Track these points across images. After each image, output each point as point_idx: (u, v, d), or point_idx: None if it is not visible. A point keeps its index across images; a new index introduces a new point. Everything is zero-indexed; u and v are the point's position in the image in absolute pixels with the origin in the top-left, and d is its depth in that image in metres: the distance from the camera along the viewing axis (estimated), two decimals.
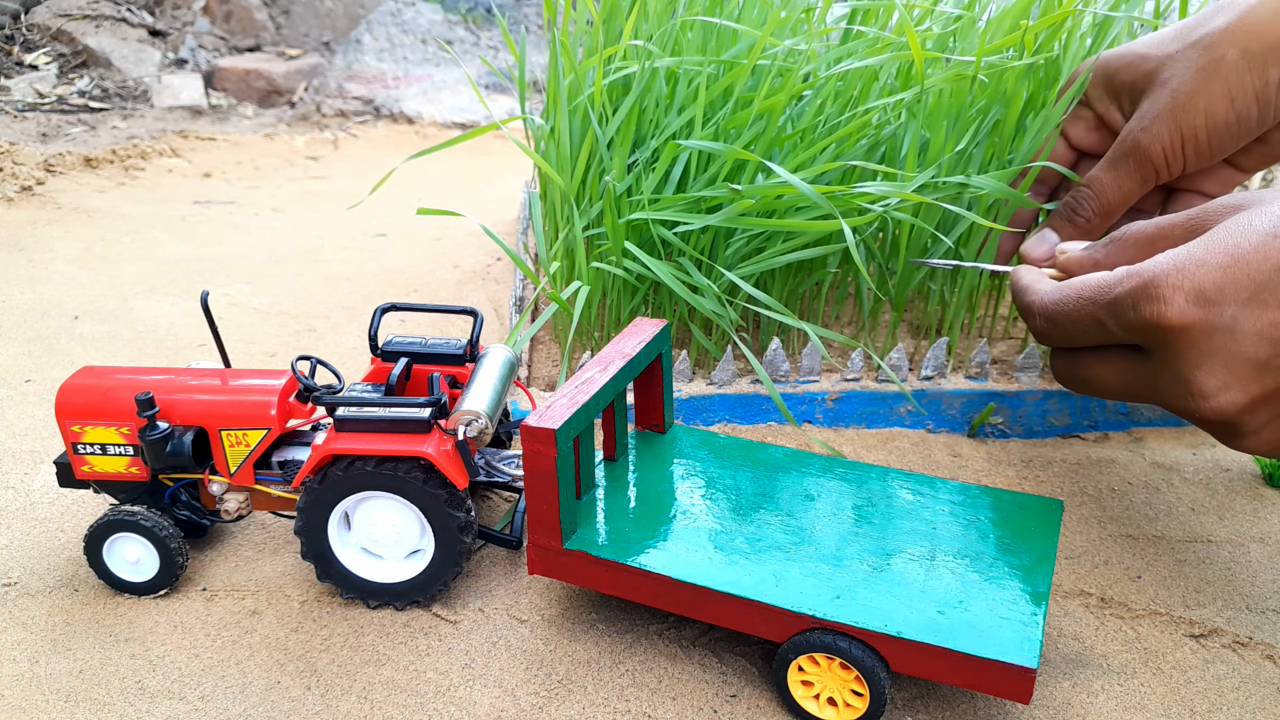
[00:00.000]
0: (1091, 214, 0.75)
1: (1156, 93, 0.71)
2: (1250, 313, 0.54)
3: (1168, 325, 0.55)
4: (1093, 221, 0.75)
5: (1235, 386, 0.55)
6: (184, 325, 1.04)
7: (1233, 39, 0.67)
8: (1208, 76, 0.68)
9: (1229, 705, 0.57)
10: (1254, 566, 0.69)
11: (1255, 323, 0.54)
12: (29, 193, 1.46)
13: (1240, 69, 0.67)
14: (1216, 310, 0.54)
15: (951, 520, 0.62)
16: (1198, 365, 0.55)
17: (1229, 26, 0.68)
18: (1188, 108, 0.69)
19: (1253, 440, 0.58)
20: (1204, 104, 0.68)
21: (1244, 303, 0.54)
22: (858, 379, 0.83)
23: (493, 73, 2.19)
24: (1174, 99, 0.69)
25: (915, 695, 0.57)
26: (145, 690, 0.57)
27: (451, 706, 0.56)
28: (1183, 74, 0.69)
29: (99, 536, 0.62)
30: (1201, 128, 0.69)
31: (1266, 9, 0.66)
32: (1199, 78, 0.68)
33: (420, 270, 1.22)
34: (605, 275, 0.85)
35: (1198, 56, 0.68)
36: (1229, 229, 0.56)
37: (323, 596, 0.64)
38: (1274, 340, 0.54)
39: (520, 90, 0.90)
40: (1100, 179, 0.74)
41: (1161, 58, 0.70)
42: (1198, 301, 0.54)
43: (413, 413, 0.59)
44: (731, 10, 0.87)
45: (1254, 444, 0.58)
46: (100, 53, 2.08)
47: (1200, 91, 0.68)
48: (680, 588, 0.56)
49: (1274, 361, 0.54)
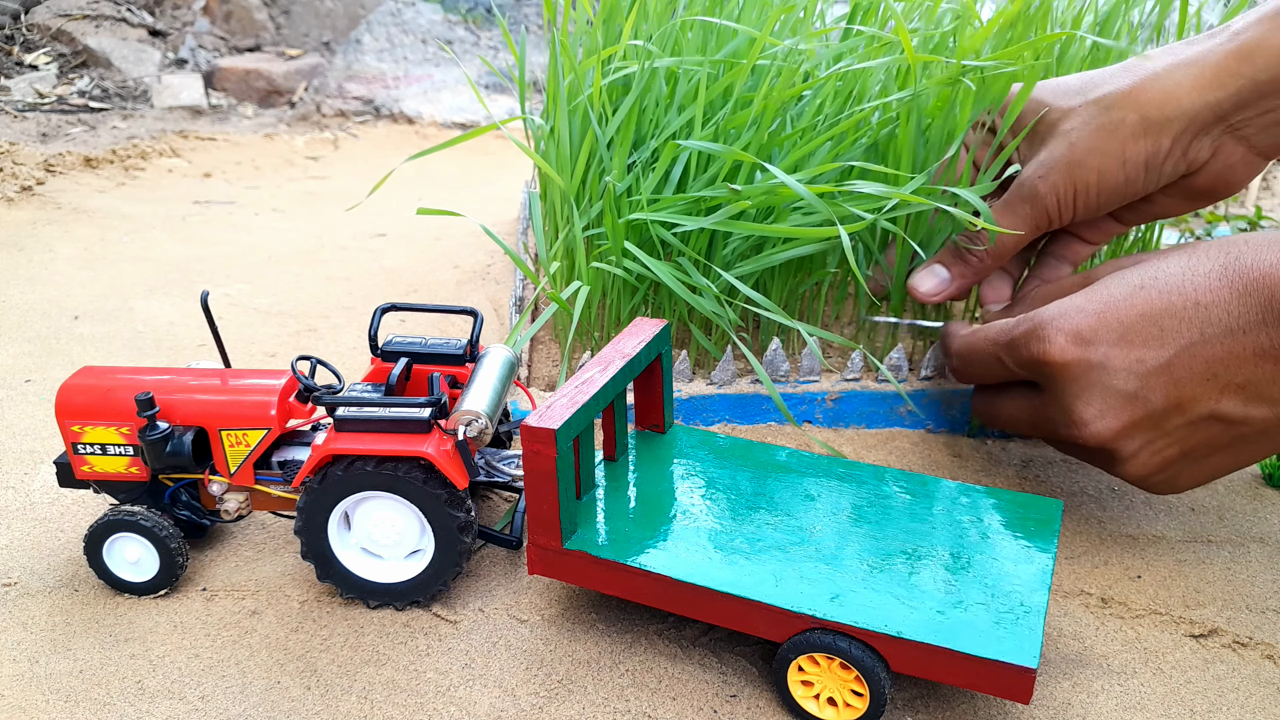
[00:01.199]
0: (984, 254, 0.78)
1: (1056, 143, 0.73)
2: (1119, 351, 0.62)
3: (1050, 361, 0.64)
4: (984, 261, 0.78)
5: (1109, 415, 0.63)
6: (184, 325, 1.04)
7: (1133, 104, 0.70)
8: (1105, 136, 0.71)
9: (1229, 705, 0.57)
10: (1254, 566, 0.69)
11: (1124, 359, 0.62)
12: (29, 193, 1.46)
13: (1136, 134, 0.70)
14: (1091, 349, 0.63)
15: (951, 520, 0.62)
16: (1077, 396, 0.64)
17: (1131, 91, 0.71)
18: (1083, 164, 0.72)
19: (1131, 465, 0.65)
20: (1098, 162, 0.72)
21: (1114, 342, 0.63)
22: (857, 379, 0.83)
23: (493, 73, 2.19)
24: (1071, 152, 0.72)
25: (915, 695, 0.57)
26: (145, 690, 0.57)
27: (451, 706, 0.56)
28: (1082, 129, 0.72)
29: (99, 536, 0.62)
30: (1093, 184, 0.72)
31: (1168, 80, 0.70)
32: (1096, 136, 0.71)
33: (420, 270, 1.22)
34: (605, 275, 0.85)
35: (1098, 115, 0.71)
36: (1107, 282, 0.65)
37: (323, 596, 0.64)
38: (1140, 375, 0.62)
39: (520, 90, 0.90)
40: (998, 222, 0.76)
41: (1064, 110, 0.73)
42: (1075, 341, 0.63)
43: (413, 413, 0.59)
44: (731, 10, 0.87)
45: (1132, 469, 0.66)
46: (100, 53, 2.08)
47: (1096, 150, 0.71)
48: (680, 588, 0.56)
49: (1141, 393, 0.62)
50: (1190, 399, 0.61)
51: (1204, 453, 0.64)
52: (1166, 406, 0.62)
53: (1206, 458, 0.64)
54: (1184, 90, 0.69)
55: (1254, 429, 0.62)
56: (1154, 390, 0.62)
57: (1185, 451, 0.64)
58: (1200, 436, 0.63)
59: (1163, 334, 0.62)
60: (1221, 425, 0.62)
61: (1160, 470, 0.65)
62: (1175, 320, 0.61)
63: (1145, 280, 0.63)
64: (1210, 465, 0.65)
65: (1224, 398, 0.61)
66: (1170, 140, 0.70)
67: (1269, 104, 0.68)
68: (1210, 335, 0.60)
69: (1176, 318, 0.61)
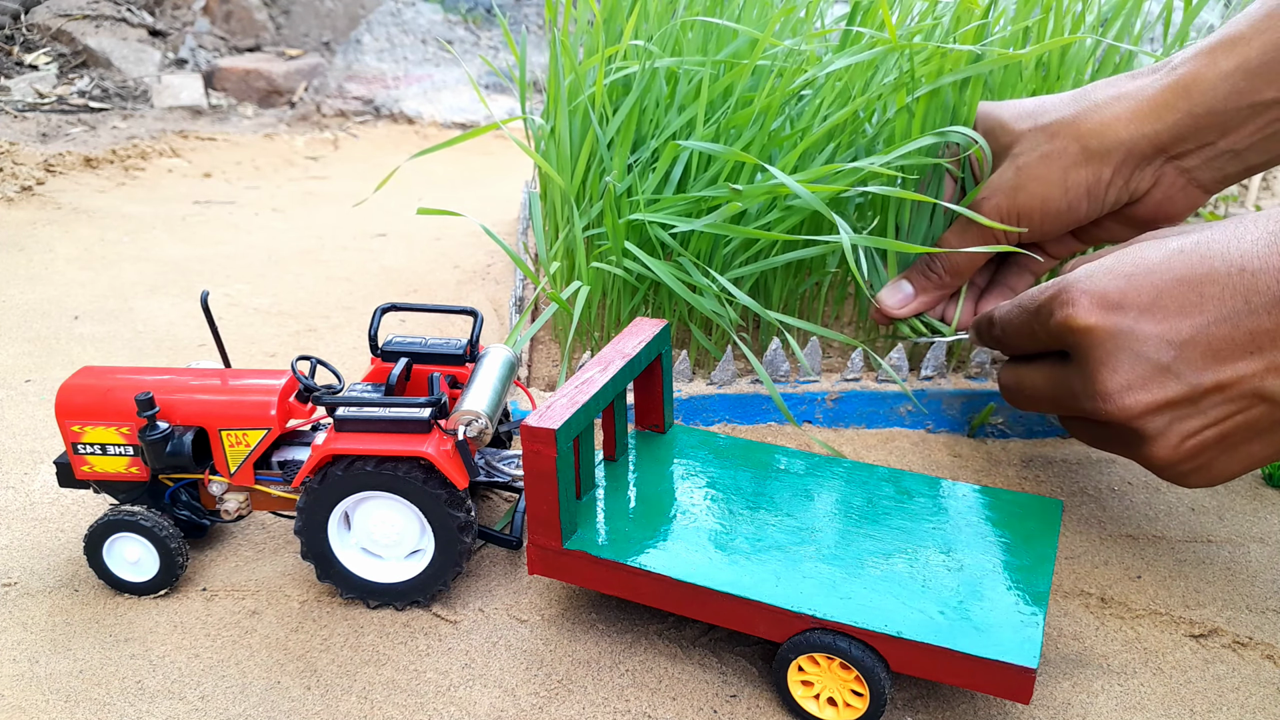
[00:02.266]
0: (943, 271, 0.79)
1: (1005, 166, 0.75)
2: (1150, 318, 0.57)
3: (1075, 326, 0.60)
4: (944, 279, 0.80)
5: (1137, 387, 0.58)
6: (184, 325, 1.04)
7: (1076, 133, 0.71)
8: (1048, 163, 0.72)
9: (1229, 705, 0.57)
10: (1254, 566, 0.69)
11: (1155, 328, 0.57)
12: (29, 193, 1.46)
13: (1078, 163, 0.71)
14: (1119, 314, 0.58)
15: (951, 520, 0.62)
16: (1102, 364, 0.59)
17: (1073, 120, 0.72)
18: (1027, 189, 0.73)
19: (1158, 447, 0.60)
20: (1041, 189, 0.73)
21: (1146, 308, 0.58)
22: (858, 379, 0.83)
23: (493, 73, 2.19)
24: (1017, 177, 0.73)
25: (915, 695, 0.57)
26: (145, 690, 0.57)
27: (451, 706, 0.56)
28: (1028, 155, 0.73)
29: (99, 536, 0.62)
30: (1037, 209, 0.74)
31: (1107, 111, 0.71)
32: (1041, 163, 0.72)
33: (420, 270, 1.22)
34: (605, 275, 0.85)
35: (1044, 141, 0.73)
36: (1142, 244, 0.61)
37: (323, 596, 0.64)
38: (1175, 344, 0.57)
39: (521, 90, 0.90)
40: (950, 242, 0.79)
41: (1015, 134, 0.74)
42: (1102, 305, 0.59)
43: (413, 413, 0.59)
44: (732, 11, 0.87)
45: (1159, 451, 0.60)
46: (100, 53, 2.08)
47: (1040, 177, 0.73)
48: (680, 588, 0.56)
49: (1174, 365, 0.57)
50: (1232, 376, 0.56)
51: (1243, 438, 0.58)
52: (1204, 382, 0.56)
53: (1245, 444, 0.59)
54: (1122, 122, 0.70)
55: None
56: (1190, 363, 0.56)
57: (1224, 435, 0.58)
58: (1241, 419, 0.57)
59: (1202, 300, 0.56)
60: (1266, 406, 0.56)
61: (1193, 457, 0.60)
62: (1217, 287, 0.56)
63: (1185, 245, 0.58)
64: (1248, 454, 0.59)
65: (1270, 376, 0.55)
66: (1111, 170, 0.71)
67: (1206, 137, 0.69)
68: (1257, 305, 0.55)
69: (1219, 284, 0.56)
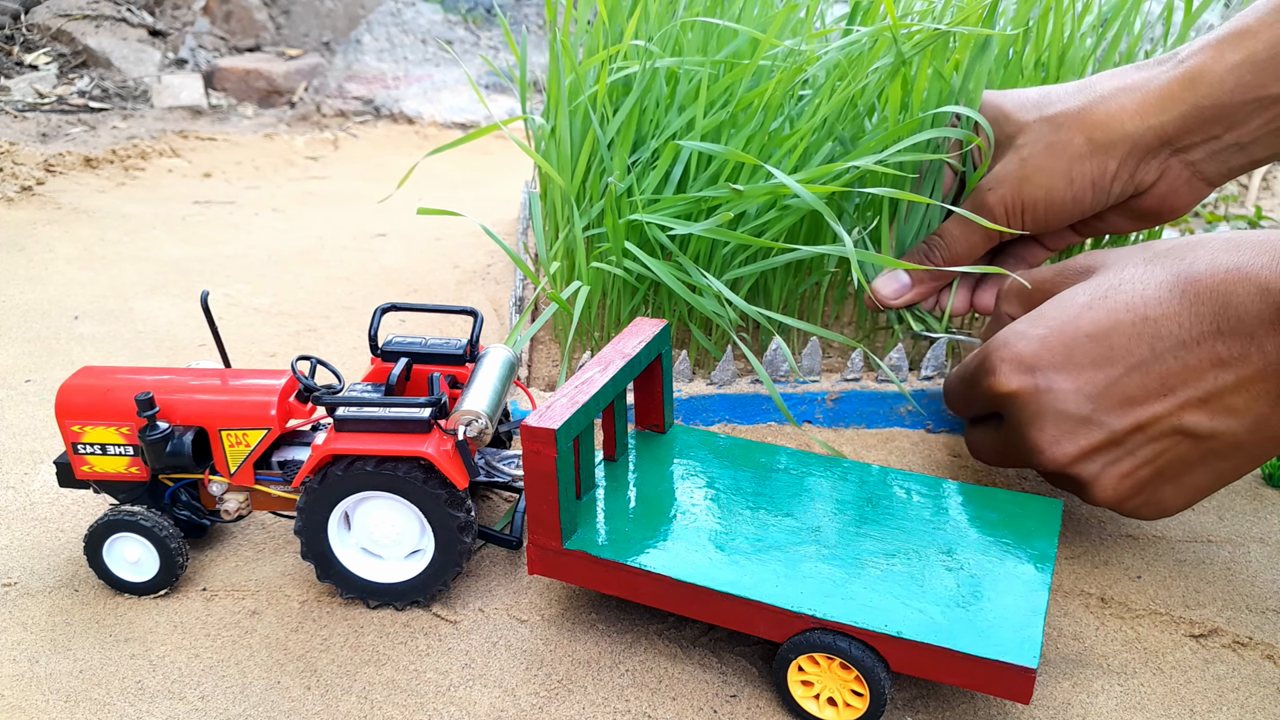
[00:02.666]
0: (941, 261, 0.80)
1: (1010, 157, 0.75)
2: (1065, 375, 0.61)
3: (1000, 393, 0.63)
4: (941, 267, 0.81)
5: (1064, 440, 0.61)
6: (184, 325, 1.04)
7: (1081, 126, 0.72)
8: (1053, 155, 0.73)
9: (1229, 705, 0.57)
10: (1254, 566, 0.69)
11: (1070, 383, 0.61)
12: (29, 193, 1.46)
13: (1084, 155, 0.72)
14: (1037, 375, 0.62)
15: (951, 520, 0.62)
16: (1030, 424, 0.63)
17: (1079, 112, 0.72)
18: (1032, 180, 0.74)
19: (1097, 489, 0.62)
20: (1046, 180, 0.73)
21: (1059, 366, 0.61)
22: (858, 379, 0.83)
23: (493, 73, 2.19)
24: (1022, 168, 0.74)
25: (915, 695, 0.57)
26: (145, 690, 0.57)
27: (451, 706, 0.56)
28: (1033, 146, 0.73)
29: (99, 536, 0.62)
30: (1041, 201, 0.74)
31: (1113, 104, 0.71)
32: (1046, 154, 0.73)
33: (420, 270, 1.22)
34: (605, 275, 0.85)
35: (1049, 133, 0.73)
36: (1054, 302, 0.64)
37: (323, 596, 0.64)
38: (1090, 396, 0.60)
39: (521, 90, 0.90)
40: (951, 231, 0.79)
41: (1020, 124, 0.75)
42: (1019, 369, 0.62)
43: (413, 413, 0.59)
44: (732, 11, 0.87)
45: (1101, 493, 0.63)
46: (100, 53, 2.08)
47: (1045, 169, 0.73)
48: (680, 588, 0.56)
49: (1095, 415, 0.60)
50: (1150, 417, 0.59)
51: (1179, 471, 0.61)
52: (1125, 426, 0.60)
53: (1183, 476, 0.61)
54: (1128, 114, 0.71)
55: (1225, 443, 0.59)
56: (1108, 411, 0.60)
57: (1158, 471, 0.61)
58: (1170, 455, 0.60)
59: (1111, 352, 0.60)
60: (1191, 441, 0.59)
61: (1136, 493, 0.62)
62: (1124, 337, 0.59)
63: (1093, 298, 0.62)
64: (1191, 484, 0.62)
65: (1185, 413, 0.59)
66: (1116, 163, 0.72)
67: (1212, 130, 0.70)
68: (1161, 350, 0.58)
69: (1125, 334, 0.59)
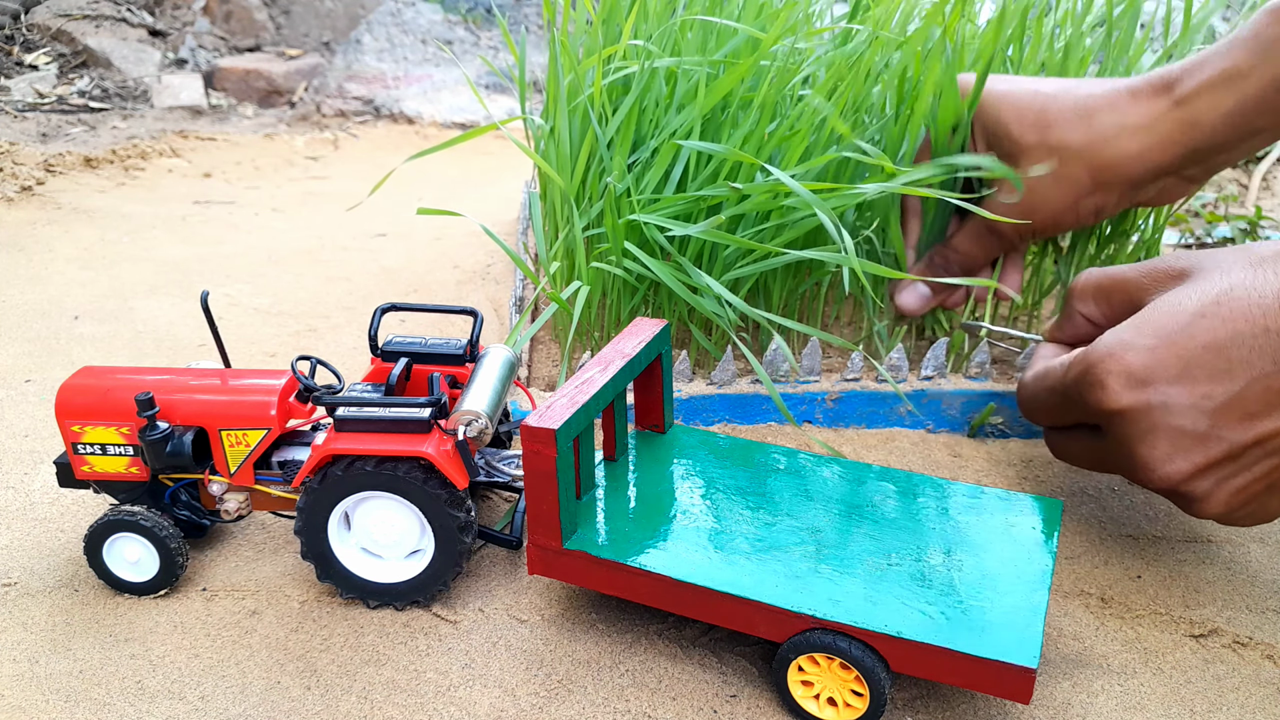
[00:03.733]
0: (955, 272, 0.86)
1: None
2: (1181, 389, 0.59)
3: (1108, 410, 0.61)
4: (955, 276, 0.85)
5: (1179, 457, 0.60)
6: (184, 325, 1.04)
7: (1086, 164, 0.77)
8: (1060, 188, 0.78)
9: (1229, 705, 0.57)
10: (1254, 566, 0.69)
11: (1187, 397, 0.59)
12: (29, 193, 1.46)
13: (1089, 190, 0.78)
14: (1150, 390, 0.59)
15: (951, 520, 0.62)
16: (1141, 441, 0.60)
17: (1084, 150, 0.76)
18: (1039, 211, 0.79)
19: (1208, 505, 0.61)
20: (1054, 210, 0.79)
21: (1174, 380, 0.59)
22: (858, 379, 0.83)
23: (493, 73, 2.19)
24: (1030, 198, 0.79)
25: (915, 695, 0.57)
26: (145, 690, 0.57)
27: (451, 706, 0.56)
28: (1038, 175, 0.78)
29: (99, 536, 0.62)
30: (1049, 227, 0.81)
31: (1117, 148, 0.76)
32: (1052, 186, 0.78)
33: (420, 270, 1.22)
34: (605, 275, 0.85)
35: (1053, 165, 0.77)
36: (1159, 308, 0.62)
37: (323, 596, 0.64)
38: (1208, 412, 0.58)
39: (520, 90, 0.90)
40: (964, 245, 0.85)
41: (1023, 146, 0.78)
42: (1130, 384, 0.60)
43: (413, 413, 0.59)
44: (732, 10, 0.87)
45: (1211, 508, 0.61)
46: (100, 53, 2.08)
47: (1052, 199, 0.79)
48: (680, 588, 0.56)
49: (1213, 432, 0.59)
50: (1270, 431, 0.58)
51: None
52: (1245, 441, 0.58)
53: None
54: (1131, 159, 0.76)
55: None
56: (1227, 426, 0.58)
57: (1272, 484, 0.60)
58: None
59: (1231, 366, 0.58)
60: None
61: (1243, 506, 0.61)
62: (1244, 350, 0.57)
63: (1204, 306, 0.59)
64: None
65: None
66: (1118, 196, 0.78)
67: (1205, 158, 0.76)
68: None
69: (1245, 346, 0.57)
